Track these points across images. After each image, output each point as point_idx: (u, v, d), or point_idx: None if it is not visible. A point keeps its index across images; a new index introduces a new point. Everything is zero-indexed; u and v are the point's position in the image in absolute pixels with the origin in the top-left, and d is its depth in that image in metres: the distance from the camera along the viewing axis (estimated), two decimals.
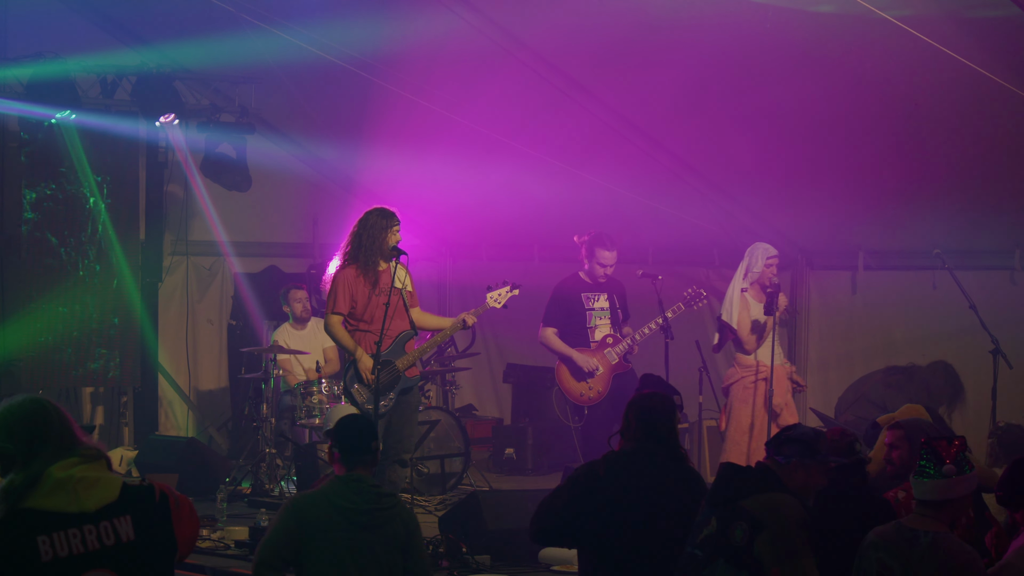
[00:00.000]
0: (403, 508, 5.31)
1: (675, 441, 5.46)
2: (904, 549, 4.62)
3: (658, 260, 11.41)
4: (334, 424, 5.46)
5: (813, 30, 8.09)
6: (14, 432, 3.52)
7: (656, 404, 5.49)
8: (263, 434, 10.27)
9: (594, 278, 9.30)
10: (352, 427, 5.40)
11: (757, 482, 4.96)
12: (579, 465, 5.57)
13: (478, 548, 7.54)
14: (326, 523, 5.10)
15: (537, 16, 8.98)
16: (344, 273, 8.23)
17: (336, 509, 5.11)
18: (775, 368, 8.97)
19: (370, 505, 5.14)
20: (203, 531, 8.19)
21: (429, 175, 11.26)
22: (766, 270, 9.11)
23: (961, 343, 9.78)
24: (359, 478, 5.21)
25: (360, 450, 5.26)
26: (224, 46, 10.30)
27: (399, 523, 5.20)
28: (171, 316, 12.07)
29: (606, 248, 9.23)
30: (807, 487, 5.00)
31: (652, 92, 9.47)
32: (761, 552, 4.77)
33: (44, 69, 10.36)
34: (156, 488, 3.64)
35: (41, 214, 10.84)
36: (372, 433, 5.37)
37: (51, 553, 3.40)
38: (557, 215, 11.15)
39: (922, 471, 4.73)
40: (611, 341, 9.25)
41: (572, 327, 9.30)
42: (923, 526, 4.65)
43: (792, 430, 5.15)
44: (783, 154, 9.84)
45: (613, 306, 9.34)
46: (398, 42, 9.50)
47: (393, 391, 8.18)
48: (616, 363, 9.22)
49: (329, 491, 5.21)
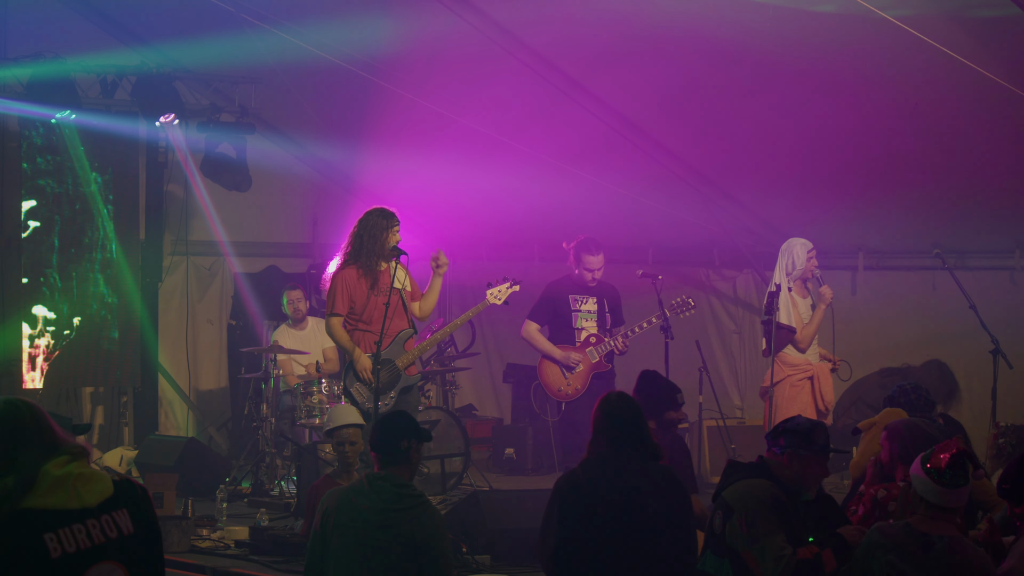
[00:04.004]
0: (425, 510, 5.21)
1: (645, 439, 5.40)
2: (918, 553, 4.58)
3: (658, 260, 11.42)
4: (374, 424, 5.44)
5: (813, 30, 8.09)
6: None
7: (618, 405, 5.43)
8: (263, 434, 10.28)
9: (583, 282, 9.36)
10: (383, 426, 5.37)
11: (743, 473, 5.04)
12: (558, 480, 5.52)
13: (478, 548, 7.53)
14: (344, 520, 5.10)
15: (537, 16, 8.97)
16: (343, 274, 8.24)
17: (354, 507, 5.11)
18: (819, 366, 8.93)
19: (386, 505, 5.11)
20: (203, 531, 8.19)
21: (429, 175, 11.25)
22: (808, 263, 9.03)
23: (961, 343, 9.78)
24: (385, 477, 5.19)
25: (388, 449, 5.23)
26: (224, 46, 10.30)
27: (416, 525, 5.14)
28: (171, 316, 12.07)
29: (591, 253, 9.33)
30: (803, 478, 5.02)
31: (652, 92, 9.47)
32: (731, 536, 4.92)
33: (44, 69, 10.36)
34: (134, 482, 3.75)
35: (41, 214, 10.84)
36: (404, 432, 5.29)
37: (59, 549, 3.47)
38: (557, 215, 11.15)
39: (955, 481, 4.67)
40: (594, 341, 9.38)
41: (558, 326, 9.45)
42: (936, 530, 4.61)
43: (788, 422, 5.18)
44: (783, 154, 9.84)
45: (601, 310, 9.45)
46: (398, 42, 9.50)
47: (394, 390, 8.20)
48: (596, 362, 9.33)
49: (353, 488, 5.22)
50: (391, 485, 5.17)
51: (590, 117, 9.93)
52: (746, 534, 4.87)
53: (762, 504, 4.90)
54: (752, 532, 4.86)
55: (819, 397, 8.95)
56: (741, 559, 4.90)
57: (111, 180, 11.22)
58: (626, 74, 9.38)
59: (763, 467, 5.08)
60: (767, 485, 4.96)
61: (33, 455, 3.54)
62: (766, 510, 4.88)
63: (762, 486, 4.95)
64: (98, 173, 11.13)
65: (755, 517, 4.87)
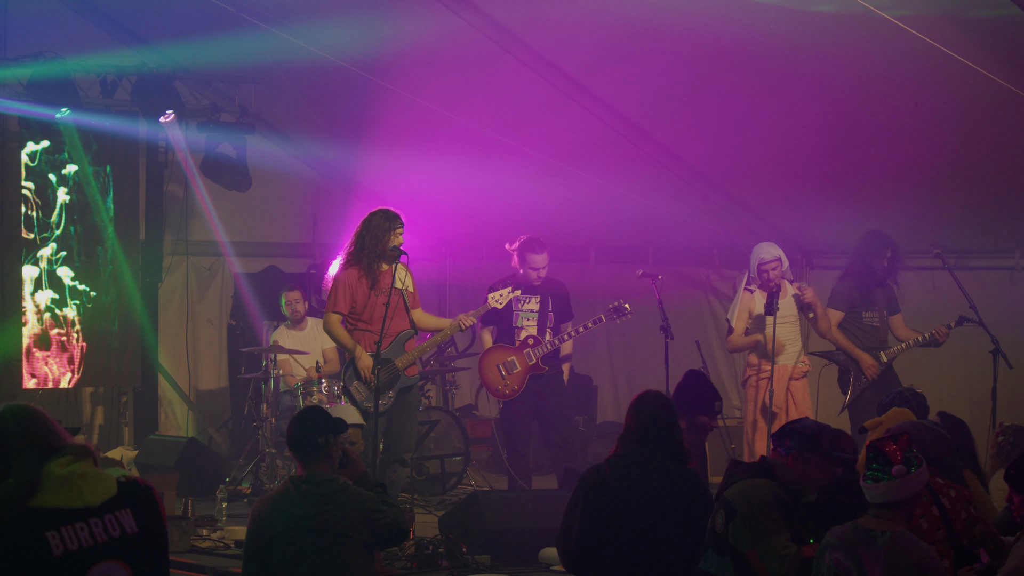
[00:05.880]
0: (347, 498, 5.13)
1: (674, 442, 5.46)
2: (860, 548, 4.53)
3: (658, 260, 11.41)
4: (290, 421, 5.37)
5: (813, 30, 8.09)
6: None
7: (651, 405, 5.49)
8: (263, 434, 10.28)
9: (528, 281, 9.39)
10: (297, 424, 5.27)
11: (745, 473, 5.05)
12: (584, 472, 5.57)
13: (478, 548, 7.53)
14: (280, 531, 5.05)
15: (537, 16, 8.98)
16: (346, 274, 8.25)
17: (288, 516, 5.06)
18: (778, 368, 8.99)
19: (319, 509, 5.06)
20: (203, 531, 8.19)
21: (429, 175, 11.25)
22: (760, 275, 9.10)
23: (961, 343, 9.77)
24: (308, 479, 5.12)
25: (305, 447, 5.16)
26: (224, 46, 10.30)
27: (349, 508, 5.10)
28: (171, 316, 12.07)
29: (535, 252, 9.40)
30: (806, 479, 5.03)
31: (652, 92, 9.47)
32: (734, 536, 4.91)
33: (44, 69, 10.35)
34: (140, 482, 3.78)
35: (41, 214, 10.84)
36: (318, 428, 5.20)
37: (61, 547, 3.50)
38: (557, 215, 11.14)
39: (873, 475, 4.58)
40: (532, 342, 9.46)
41: (500, 326, 9.56)
42: (879, 526, 4.56)
43: (796, 423, 5.20)
44: (783, 154, 9.84)
45: (544, 309, 9.54)
46: (398, 42, 9.50)
47: (393, 389, 8.20)
48: (533, 364, 9.41)
49: (283, 497, 5.14)
50: (316, 487, 5.10)
51: (590, 117, 9.93)
52: (750, 533, 4.87)
53: (765, 503, 4.90)
54: (756, 531, 4.86)
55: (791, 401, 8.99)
56: (743, 558, 4.89)
57: (111, 180, 11.22)
58: (626, 74, 9.38)
59: (766, 467, 5.08)
60: (769, 485, 4.96)
61: (34, 457, 3.57)
62: (769, 509, 4.88)
63: (764, 486, 4.95)
64: (98, 173, 11.12)
65: (759, 516, 4.87)
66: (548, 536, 6.85)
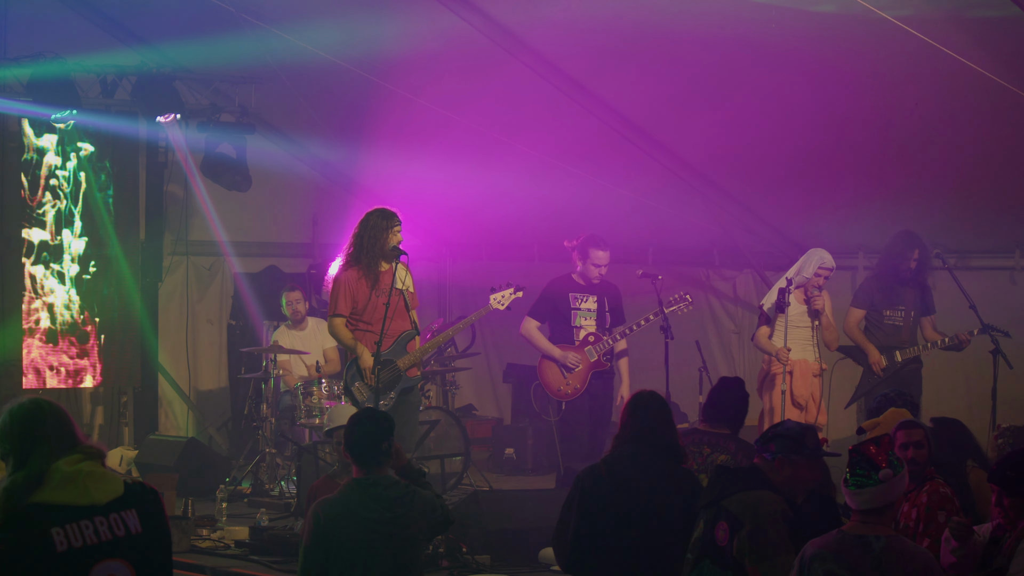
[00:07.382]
0: (415, 497, 5.21)
1: (669, 441, 5.45)
2: (855, 557, 4.38)
3: (658, 260, 11.41)
4: (346, 423, 5.37)
5: (813, 30, 8.09)
6: (11, 433, 3.64)
7: (646, 404, 5.48)
8: (263, 434, 10.28)
9: (587, 279, 9.39)
10: (361, 430, 5.27)
11: (742, 481, 4.98)
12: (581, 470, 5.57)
13: (478, 548, 7.54)
14: (352, 534, 5.07)
15: (538, 16, 8.98)
16: (345, 275, 8.25)
17: (362, 520, 5.08)
18: (799, 363, 8.90)
19: (395, 513, 5.12)
20: (203, 531, 8.20)
21: (429, 175, 11.25)
22: (814, 278, 9.02)
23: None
24: (376, 482, 5.15)
25: (371, 453, 5.18)
26: (224, 46, 10.30)
27: (417, 510, 5.19)
28: (171, 316, 12.07)
29: (600, 248, 9.37)
30: (795, 483, 4.97)
31: (652, 92, 9.47)
32: (740, 550, 4.81)
33: (44, 69, 10.35)
34: (146, 485, 3.80)
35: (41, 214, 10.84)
36: (384, 433, 5.23)
37: (65, 544, 3.53)
38: (557, 215, 11.15)
39: (857, 481, 4.46)
40: (592, 340, 9.42)
41: (557, 324, 9.51)
42: (871, 532, 4.42)
43: (779, 426, 5.15)
44: (783, 154, 9.84)
45: (601, 309, 9.49)
46: (398, 42, 9.50)
47: (394, 390, 8.19)
48: (595, 360, 9.38)
49: (351, 499, 5.15)
50: (385, 489, 5.14)
51: (590, 117, 9.93)
52: (757, 550, 4.77)
53: (774, 520, 4.80)
54: (763, 549, 4.76)
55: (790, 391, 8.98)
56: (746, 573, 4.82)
57: (111, 180, 11.22)
58: (626, 74, 9.39)
59: (760, 475, 4.97)
60: (777, 499, 4.85)
61: (46, 452, 3.60)
62: (778, 526, 4.79)
63: (772, 500, 4.84)
64: (98, 173, 11.12)
65: (768, 533, 4.77)
66: (548, 536, 6.82)
